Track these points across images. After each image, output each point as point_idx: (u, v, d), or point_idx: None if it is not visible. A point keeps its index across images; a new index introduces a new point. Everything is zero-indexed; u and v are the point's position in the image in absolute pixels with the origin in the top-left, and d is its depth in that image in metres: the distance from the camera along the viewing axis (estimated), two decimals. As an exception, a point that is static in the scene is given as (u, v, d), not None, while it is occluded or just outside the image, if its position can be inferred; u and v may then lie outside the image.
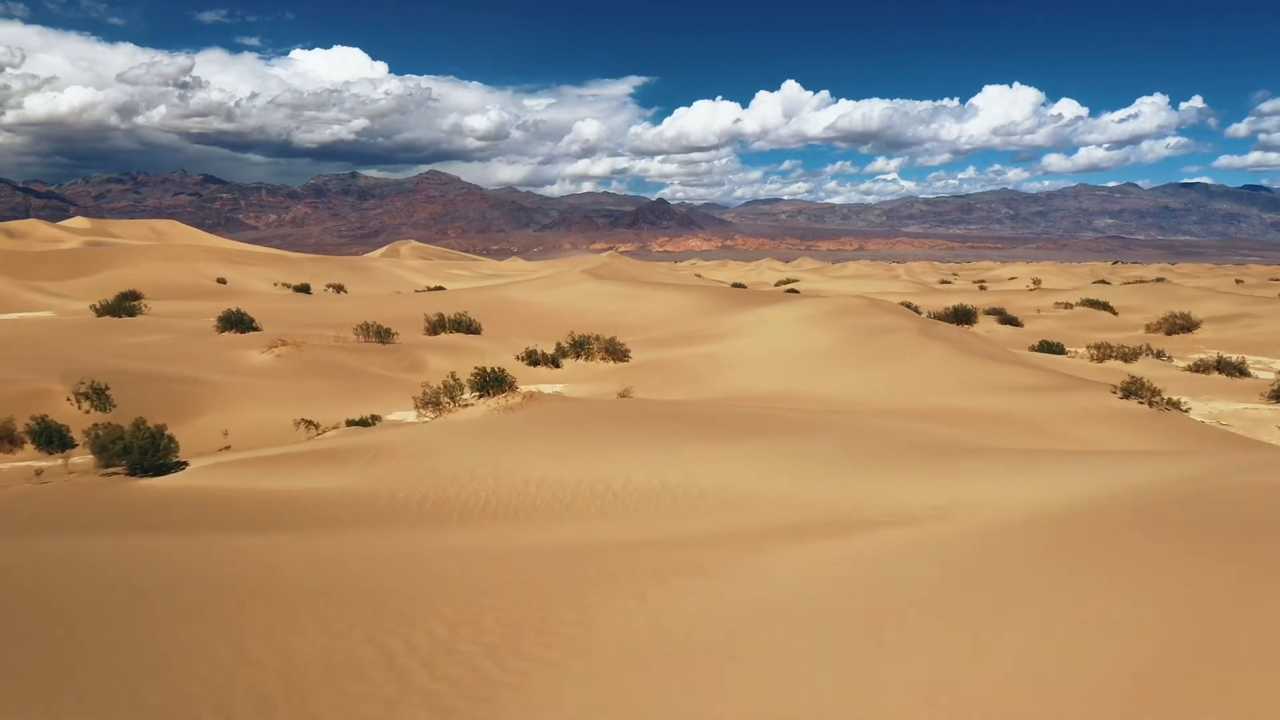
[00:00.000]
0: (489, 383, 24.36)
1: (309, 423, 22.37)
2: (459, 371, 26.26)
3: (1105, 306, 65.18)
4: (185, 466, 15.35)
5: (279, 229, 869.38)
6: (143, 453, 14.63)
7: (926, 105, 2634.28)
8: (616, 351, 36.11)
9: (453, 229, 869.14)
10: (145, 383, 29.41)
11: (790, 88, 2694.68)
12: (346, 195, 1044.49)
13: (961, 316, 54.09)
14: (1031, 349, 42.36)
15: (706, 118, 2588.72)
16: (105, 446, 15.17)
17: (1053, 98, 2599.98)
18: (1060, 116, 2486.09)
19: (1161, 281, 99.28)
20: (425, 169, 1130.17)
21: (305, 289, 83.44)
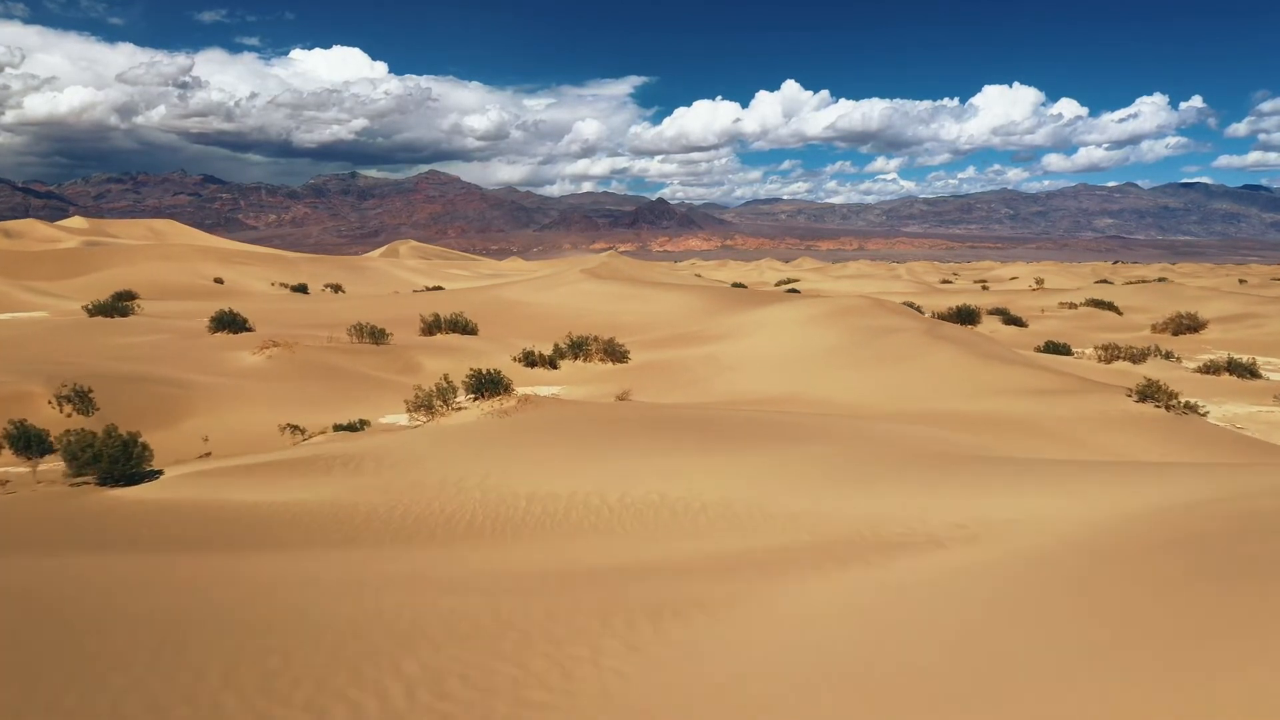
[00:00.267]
0: (484, 385, 23.57)
1: (294, 428, 21.58)
2: (455, 373, 25.46)
3: (1110, 306, 64.43)
4: (160, 476, 14.57)
5: (279, 229, 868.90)
6: (113, 461, 13.83)
7: (926, 105, 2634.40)
8: (615, 352, 35.33)
9: (452, 229, 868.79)
10: (132, 385, 28.64)
11: (790, 88, 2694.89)
12: (346, 195, 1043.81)
13: (965, 317, 53.30)
14: (1037, 350, 41.59)
15: (706, 117, 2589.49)
16: (75, 454, 14.38)
17: (1052, 98, 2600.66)
18: (1060, 116, 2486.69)
19: (1164, 281, 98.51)
20: (425, 169, 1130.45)
21: (303, 289, 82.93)
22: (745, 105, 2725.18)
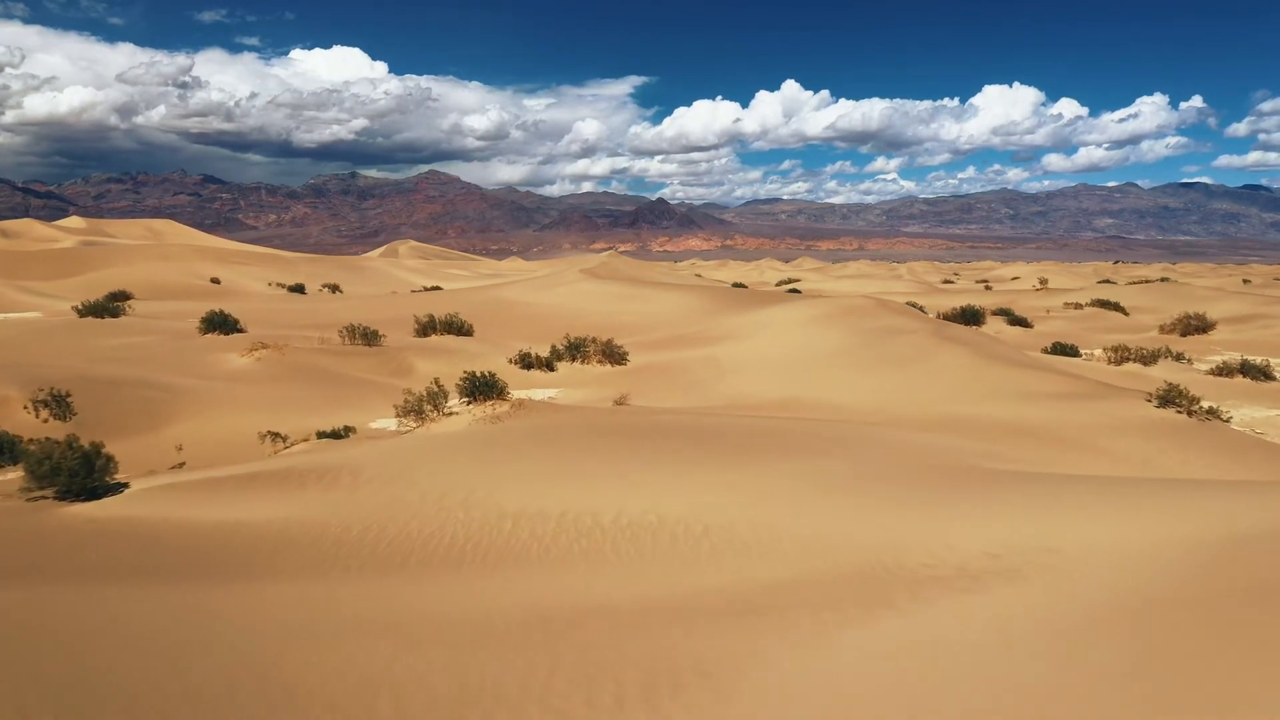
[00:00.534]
0: (478, 388, 22.68)
1: (275, 435, 20.67)
2: (449, 375, 24.55)
3: (1116, 307, 63.53)
4: (125, 489, 13.67)
5: (279, 229, 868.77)
6: (72, 475, 12.93)
7: (926, 105, 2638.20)
8: (614, 354, 34.42)
9: (452, 229, 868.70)
10: (115, 389, 27.72)
11: (790, 87, 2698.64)
12: (346, 195, 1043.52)
13: (970, 317, 52.37)
14: (1045, 351, 40.67)
15: (706, 117, 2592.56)
16: (33, 467, 13.48)
17: (1052, 97, 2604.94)
18: (1060, 116, 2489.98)
19: (1166, 281, 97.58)
20: (425, 169, 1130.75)
21: (300, 289, 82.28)
22: (745, 105, 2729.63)
